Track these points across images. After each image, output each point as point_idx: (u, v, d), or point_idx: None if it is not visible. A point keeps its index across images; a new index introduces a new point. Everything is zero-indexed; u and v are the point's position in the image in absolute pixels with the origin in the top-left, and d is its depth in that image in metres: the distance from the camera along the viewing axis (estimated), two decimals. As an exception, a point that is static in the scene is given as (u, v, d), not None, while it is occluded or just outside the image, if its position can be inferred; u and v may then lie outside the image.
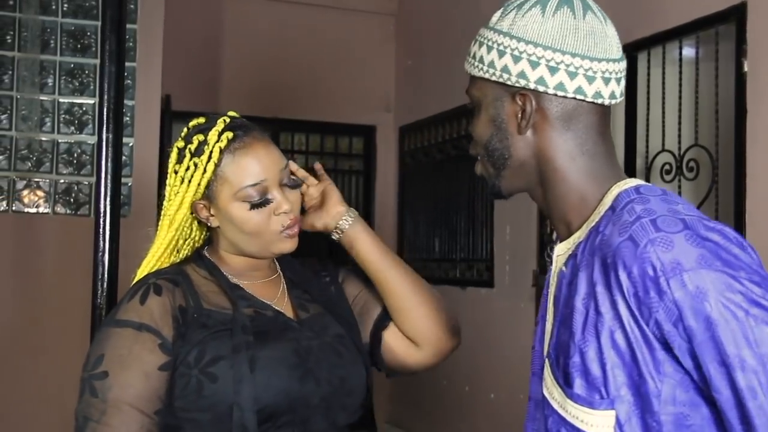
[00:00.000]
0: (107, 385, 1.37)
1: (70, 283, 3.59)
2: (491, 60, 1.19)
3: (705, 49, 3.29)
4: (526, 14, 1.17)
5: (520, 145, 1.20)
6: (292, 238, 1.50)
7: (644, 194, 1.13)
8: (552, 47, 1.15)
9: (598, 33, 1.16)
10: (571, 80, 1.15)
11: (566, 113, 1.17)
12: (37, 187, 3.80)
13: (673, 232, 1.05)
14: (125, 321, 1.41)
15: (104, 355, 1.39)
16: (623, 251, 1.06)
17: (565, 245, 1.21)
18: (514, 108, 1.19)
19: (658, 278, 1.03)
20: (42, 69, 3.81)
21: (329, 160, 6.03)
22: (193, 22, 5.28)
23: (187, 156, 1.49)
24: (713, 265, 1.02)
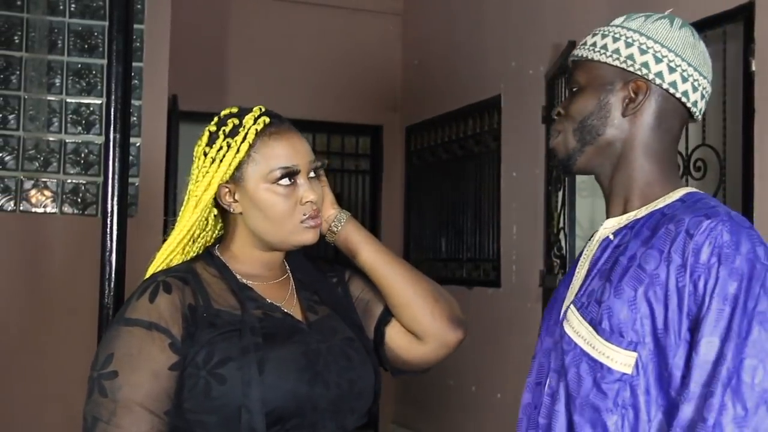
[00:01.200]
0: (117, 385, 1.36)
1: (77, 283, 3.60)
2: (616, 48, 1.35)
3: (712, 48, 3.27)
4: (656, 22, 1.36)
5: (615, 126, 1.36)
6: (313, 228, 1.50)
7: (709, 198, 1.30)
8: (675, 51, 1.34)
9: (707, 57, 1.38)
10: (682, 83, 1.34)
11: (665, 111, 1.35)
12: (44, 187, 3.81)
13: (742, 226, 1.21)
14: (135, 320, 1.40)
15: (114, 354, 1.38)
16: (694, 221, 1.22)
17: (616, 220, 1.36)
18: (624, 93, 1.35)
19: (714, 249, 1.18)
20: (49, 69, 3.82)
21: (336, 160, 6.04)
22: (199, 22, 5.29)
23: (221, 137, 1.49)
24: (760, 264, 1.18)
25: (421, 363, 1.58)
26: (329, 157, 5.96)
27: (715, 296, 1.16)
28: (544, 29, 4.23)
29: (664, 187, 1.34)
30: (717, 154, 3.17)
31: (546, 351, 1.37)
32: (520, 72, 4.46)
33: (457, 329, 1.58)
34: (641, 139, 1.35)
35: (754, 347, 1.14)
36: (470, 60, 4.96)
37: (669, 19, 1.37)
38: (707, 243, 1.19)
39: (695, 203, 1.28)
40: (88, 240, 3.08)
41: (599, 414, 1.23)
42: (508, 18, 4.61)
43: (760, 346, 1.14)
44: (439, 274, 5.34)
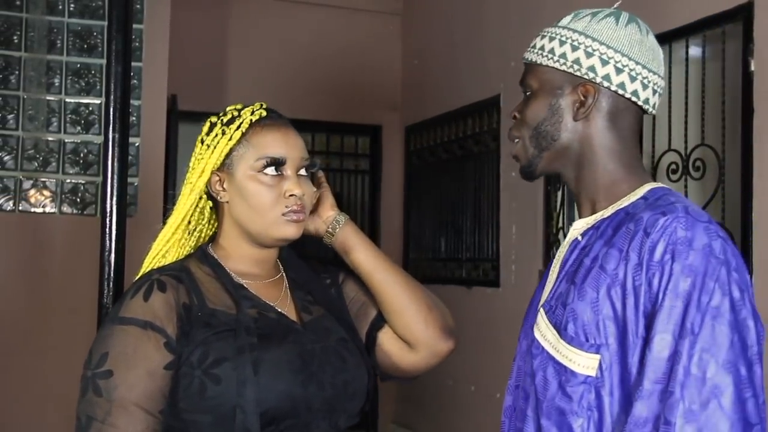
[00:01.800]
0: (112, 385, 1.36)
1: (76, 283, 3.60)
2: (563, 52, 1.35)
3: (711, 48, 3.28)
4: (601, 21, 1.35)
5: (569, 130, 1.35)
6: (295, 223, 1.50)
7: (672, 193, 1.30)
8: (621, 51, 1.33)
9: (656, 51, 1.37)
10: (631, 83, 1.33)
11: (617, 110, 1.35)
12: (43, 186, 3.81)
13: (698, 220, 1.21)
14: (129, 318, 1.40)
15: (108, 353, 1.38)
16: (651, 219, 1.21)
17: (585, 221, 1.36)
18: (573, 97, 1.35)
19: (668, 246, 1.18)
20: (48, 69, 3.82)
21: (335, 160, 6.03)
22: (199, 21, 5.29)
23: (218, 125, 1.52)
24: (714, 258, 1.17)
25: (410, 370, 1.58)
26: (328, 157, 5.96)
27: (668, 293, 1.16)
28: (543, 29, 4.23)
29: (630, 185, 1.34)
30: (716, 154, 3.17)
31: (522, 354, 1.39)
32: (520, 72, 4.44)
33: (448, 339, 1.59)
34: (598, 141, 1.35)
35: (706, 342, 1.13)
36: (470, 60, 4.96)
37: (615, 16, 1.36)
38: (662, 240, 1.19)
39: (656, 200, 1.27)
40: (87, 240, 3.08)
41: (565, 417, 1.24)
42: (508, 18, 4.61)
43: (713, 341, 1.13)
44: (439, 274, 5.34)
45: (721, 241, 1.19)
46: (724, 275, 1.17)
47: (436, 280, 5.35)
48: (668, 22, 3.39)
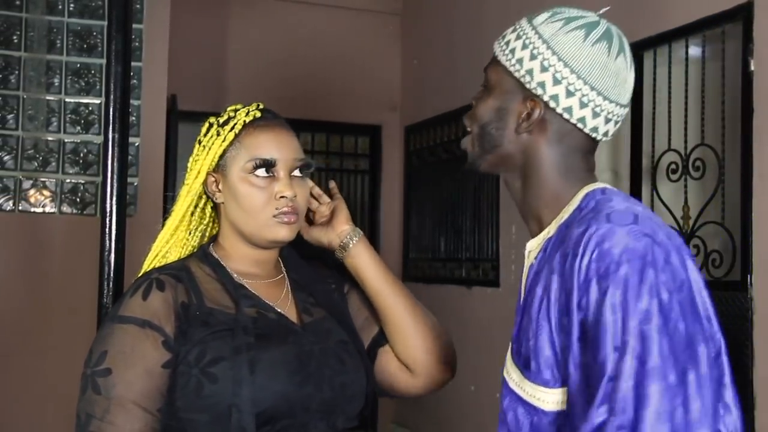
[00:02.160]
0: (111, 383, 1.37)
1: (76, 283, 3.60)
2: (521, 57, 1.26)
3: (711, 48, 3.28)
4: (570, 33, 1.24)
5: (512, 141, 1.28)
6: (287, 225, 1.49)
7: (608, 195, 1.23)
8: (578, 73, 1.23)
9: (621, 77, 1.25)
10: (579, 109, 1.24)
11: (563, 131, 1.26)
12: (43, 186, 3.81)
13: (619, 225, 1.14)
14: (128, 317, 1.41)
15: (107, 351, 1.40)
16: (577, 238, 1.15)
17: (535, 241, 1.29)
18: (521, 108, 1.26)
19: (590, 264, 1.12)
20: (48, 69, 3.82)
21: (335, 160, 6.03)
22: (199, 21, 5.29)
23: (214, 126, 1.53)
24: (639, 260, 1.10)
25: (406, 393, 1.59)
26: (328, 157, 5.96)
27: (604, 310, 1.09)
28: (543, 29, 4.23)
29: (570, 192, 1.27)
30: (716, 154, 3.18)
31: None
32: (520, 71, 4.46)
33: (447, 370, 1.61)
34: (542, 157, 1.27)
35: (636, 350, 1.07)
36: (470, 59, 4.96)
37: (587, 29, 1.24)
38: (586, 257, 1.12)
39: (588, 211, 1.20)
40: (87, 240, 3.08)
41: None
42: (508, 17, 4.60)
43: (642, 348, 1.06)
44: (438, 274, 5.34)
45: (647, 240, 1.12)
46: (652, 276, 1.09)
47: (436, 280, 5.35)
48: (668, 22, 3.39)
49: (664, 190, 3.43)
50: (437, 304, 5.28)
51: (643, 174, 3.56)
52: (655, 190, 3.45)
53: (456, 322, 5.00)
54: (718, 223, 3.16)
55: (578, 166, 1.28)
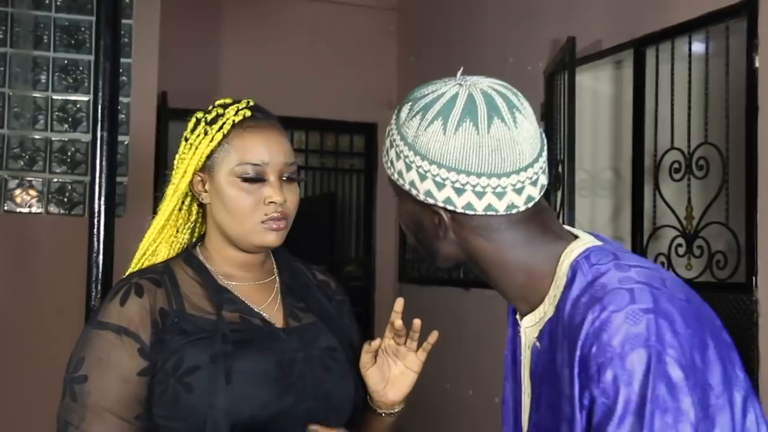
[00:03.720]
0: (86, 390, 1.38)
1: (63, 285, 3.58)
2: (400, 170, 1.16)
3: (715, 44, 3.28)
4: (428, 128, 1.12)
5: (446, 246, 1.18)
6: (275, 231, 1.47)
7: (597, 264, 1.12)
8: (456, 168, 1.11)
9: (505, 146, 1.12)
10: (479, 200, 1.12)
11: (483, 223, 1.15)
12: (29, 186, 3.80)
13: (615, 310, 1.05)
14: (106, 323, 1.42)
15: (84, 357, 1.40)
16: (575, 330, 1.08)
17: (532, 318, 1.19)
18: (431, 216, 1.16)
19: (589, 360, 1.05)
20: (35, 65, 3.81)
21: (329, 159, 6.03)
22: (190, 16, 5.28)
23: (202, 124, 1.50)
24: (644, 342, 1.03)
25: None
26: (323, 156, 5.96)
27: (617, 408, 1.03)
28: (543, 25, 4.23)
29: (544, 266, 1.16)
30: (720, 153, 3.17)
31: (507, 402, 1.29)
32: (519, 68, 4.46)
33: None
34: (483, 252, 1.17)
35: None
36: (467, 56, 4.95)
37: (443, 117, 1.12)
38: (590, 354, 1.05)
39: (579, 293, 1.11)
40: (74, 241, 3.07)
41: None
42: (507, 13, 4.61)
43: None
44: (436, 275, 5.34)
45: (647, 318, 1.04)
46: (658, 360, 1.02)
47: (434, 282, 5.35)
48: (671, 18, 3.39)
49: (667, 189, 3.43)
50: (434, 307, 5.28)
51: (645, 173, 3.56)
52: (657, 189, 3.45)
53: (453, 324, 4.99)
54: (722, 223, 3.16)
55: (533, 236, 1.17)
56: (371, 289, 5.89)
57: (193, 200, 1.56)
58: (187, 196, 1.55)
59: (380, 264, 5.90)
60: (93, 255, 2.17)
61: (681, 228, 3.32)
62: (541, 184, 1.16)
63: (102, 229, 2.17)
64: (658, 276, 1.11)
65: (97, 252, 2.17)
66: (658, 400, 1.01)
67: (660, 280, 1.10)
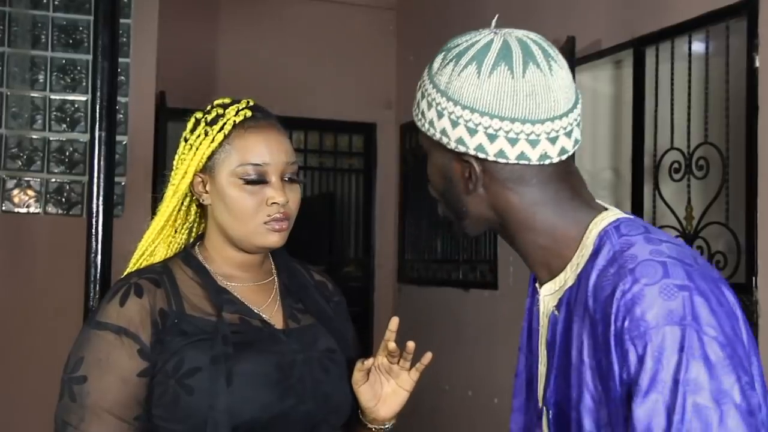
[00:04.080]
0: (86, 391, 1.38)
1: (61, 285, 3.59)
2: (431, 119, 1.15)
3: (715, 43, 3.29)
4: (462, 73, 1.12)
5: (475, 202, 1.17)
6: (278, 232, 1.47)
7: (626, 235, 1.11)
8: (489, 113, 1.10)
9: (540, 91, 1.11)
10: (512, 147, 1.11)
11: (515, 175, 1.13)
12: (27, 186, 3.80)
13: (649, 283, 1.03)
14: (105, 324, 1.41)
15: (84, 358, 1.40)
16: (605, 305, 1.06)
17: (551, 286, 1.19)
18: (461, 168, 1.15)
19: (623, 335, 1.03)
20: (33, 65, 3.81)
21: (328, 159, 6.03)
22: (188, 15, 5.28)
23: (201, 124, 1.50)
24: (679, 321, 1.01)
25: None
26: (321, 156, 5.96)
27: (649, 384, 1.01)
28: (543, 24, 4.23)
29: (571, 233, 1.15)
30: (720, 153, 3.18)
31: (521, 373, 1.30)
32: (518, 68, 4.46)
33: None
34: (511, 206, 1.15)
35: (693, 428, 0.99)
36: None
37: (477, 62, 1.12)
38: (618, 327, 1.03)
39: (606, 260, 1.10)
40: (72, 241, 3.07)
41: None
42: (506, 13, 4.60)
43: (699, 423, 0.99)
44: (435, 276, 5.34)
45: (683, 295, 1.02)
46: (695, 338, 1.00)
47: (432, 282, 5.35)
48: (671, 17, 3.39)
49: (667, 190, 3.43)
50: (433, 307, 5.28)
51: (645, 173, 3.56)
52: (657, 190, 3.46)
53: (453, 325, 5.00)
54: (722, 224, 3.16)
55: (563, 197, 1.15)
56: (370, 289, 5.90)
57: (192, 201, 1.56)
58: (186, 197, 1.55)
59: (379, 264, 5.90)
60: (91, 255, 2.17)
61: (681, 228, 3.32)
62: (575, 138, 1.14)
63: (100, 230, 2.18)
64: (689, 253, 1.10)
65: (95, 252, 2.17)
66: (691, 383, 0.99)
67: (691, 257, 1.09)
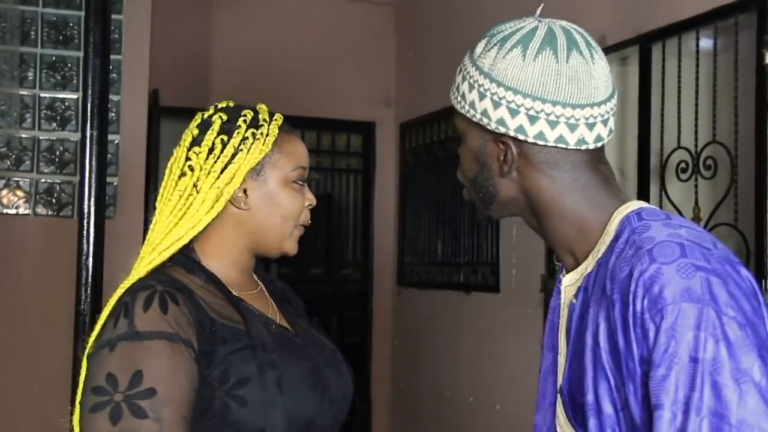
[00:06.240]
0: (158, 404, 1.28)
1: (52, 289, 3.58)
2: (472, 100, 1.21)
3: (723, 40, 3.29)
4: (507, 55, 1.19)
5: (507, 185, 1.23)
6: (297, 239, 1.55)
7: (646, 219, 1.16)
8: (532, 95, 1.17)
9: (582, 77, 1.18)
10: (552, 129, 1.17)
11: (551, 158, 1.20)
12: (16, 186, 3.80)
13: (666, 262, 1.07)
14: (152, 332, 1.32)
15: (142, 371, 1.29)
16: (623, 285, 1.09)
17: (573, 276, 1.23)
18: (497, 150, 1.22)
19: (644, 314, 1.05)
20: (22, 62, 3.81)
21: (326, 158, 6.03)
22: (182, 12, 5.28)
23: (242, 126, 1.48)
24: (697, 299, 1.04)
25: None
26: (319, 156, 5.96)
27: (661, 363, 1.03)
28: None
29: (597, 222, 1.20)
30: (728, 152, 3.18)
31: (546, 372, 1.31)
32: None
33: None
34: (543, 191, 1.21)
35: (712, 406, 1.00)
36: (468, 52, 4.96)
37: (522, 45, 1.19)
38: (637, 306, 1.06)
39: (625, 243, 1.14)
40: (63, 243, 3.07)
41: None
42: (507, 9, 4.61)
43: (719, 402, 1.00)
44: (435, 279, 5.34)
45: (701, 275, 1.05)
46: (713, 317, 1.02)
47: (433, 285, 5.35)
48: (678, 13, 3.39)
49: (674, 190, 3.43)
50: (434, 311, 5.28)
51: (651, 173, 3.56)
52: (663, 190, 3.46)
53: (454, 329, 5.00)
54: (730, 224, 3.16)
55: (593, 185, 1.21)
56: (369, 293, 5.90)
57: None
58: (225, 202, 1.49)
59: (379, 267, 5.90)
60: (82, 257, 2.17)
61: (688, 229, 3.32)
62: (610, 128, 1.21)
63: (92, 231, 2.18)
64: (708, 238, 1.14)
65: (86, 254, 2.17)
66: (709, 361, 1.01)
67: (711, 241, 1.13)
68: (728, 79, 3.23)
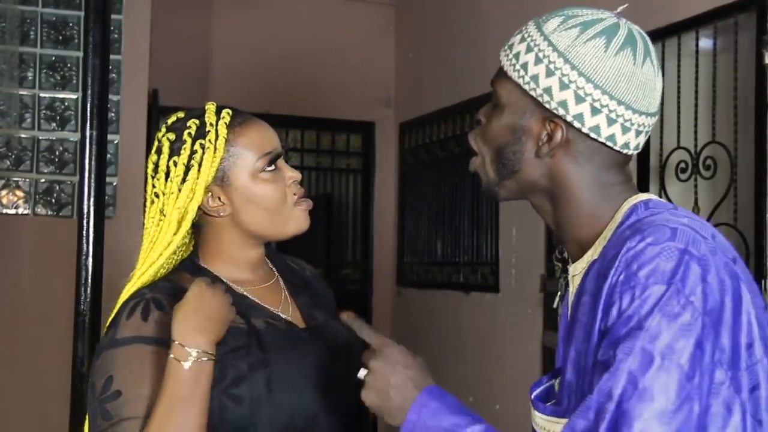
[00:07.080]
0: (120, 404, 1.31)
1: (51, 289, 3.58)
2: (536, 74, 1.20)
3: (723, 40, 3.29)
4: (589, 42, 1.18)
5: (535, 166, 1.23)
6: (306, 211, 1.52)
7: (653, 209, 1.18)
8: (602, 88, 1.17)
9: (649, 85, 1.20)
10: (608, 126, 1.19)
11: (590, 151, 1.21)
12: (16, 186, 3.80)
13: (653, 243, 1.09)
14: (130, 338, 1.35)
15: (112, 376, 1.33)
16: (610, 260, 1.12)
17: (579, 265, 1.24)
18: (540, 129, 1.21)
19: (615, 287, 1.08)
20: (21, 62, 3.81)
21: (326, 158, 6.03)
22: (182, 12, 5.28)
23: (188, 141, 1.46)
24: (667, 280, 1.06)
25: None
26: (319, 156, 5.96)
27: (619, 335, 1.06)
28: (546, 20, 4.24)
29: (609, 209, 1.22)
30: (728, 152, 3.18)
31: None
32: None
33: None
34: (570, 179, 1.22)
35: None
36: (467, 53, 4.96)
37: (607, 35, 1.19)
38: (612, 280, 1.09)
39: (626, 229, 1.16)
40: (62, 243, 3.07)
41: None
42: (507, 8, 4.61)
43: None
44: (435, 279, 5.34)
45: (680, 258, 1.07)
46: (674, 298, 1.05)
47: (433, 285, 5.35)
48: (677, 13, 3.39)
49: (673, 190, 3.43)
50: (433, 311, 5.28)
51: (650, 173, 3.56)
52: (663, 190, 3.46)
53: (454, 329, 5.00)
54: (730, 225, 3.16)
55: (613, 181, 1.23)
56: (369, 292, 5.89)
57: None
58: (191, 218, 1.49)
59: (378, 267, 5.90)
60: (82, 258, 2.17)
61: (688, 229, 3.32)
62: (644, 141, 1.24)
63: (91, 231, 2.18)
64: (710, 230, 1.15)
65: (86, 254, 2.17)
66: (648, 330, 1.04)
67: (710, 233, 1.14)
68: (728, 79, 3.23)
